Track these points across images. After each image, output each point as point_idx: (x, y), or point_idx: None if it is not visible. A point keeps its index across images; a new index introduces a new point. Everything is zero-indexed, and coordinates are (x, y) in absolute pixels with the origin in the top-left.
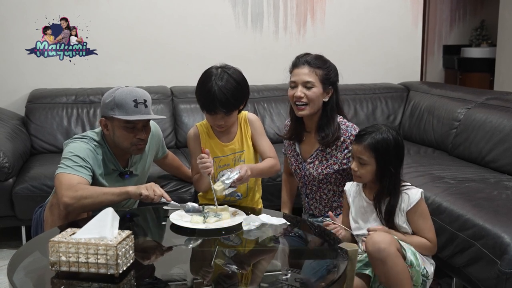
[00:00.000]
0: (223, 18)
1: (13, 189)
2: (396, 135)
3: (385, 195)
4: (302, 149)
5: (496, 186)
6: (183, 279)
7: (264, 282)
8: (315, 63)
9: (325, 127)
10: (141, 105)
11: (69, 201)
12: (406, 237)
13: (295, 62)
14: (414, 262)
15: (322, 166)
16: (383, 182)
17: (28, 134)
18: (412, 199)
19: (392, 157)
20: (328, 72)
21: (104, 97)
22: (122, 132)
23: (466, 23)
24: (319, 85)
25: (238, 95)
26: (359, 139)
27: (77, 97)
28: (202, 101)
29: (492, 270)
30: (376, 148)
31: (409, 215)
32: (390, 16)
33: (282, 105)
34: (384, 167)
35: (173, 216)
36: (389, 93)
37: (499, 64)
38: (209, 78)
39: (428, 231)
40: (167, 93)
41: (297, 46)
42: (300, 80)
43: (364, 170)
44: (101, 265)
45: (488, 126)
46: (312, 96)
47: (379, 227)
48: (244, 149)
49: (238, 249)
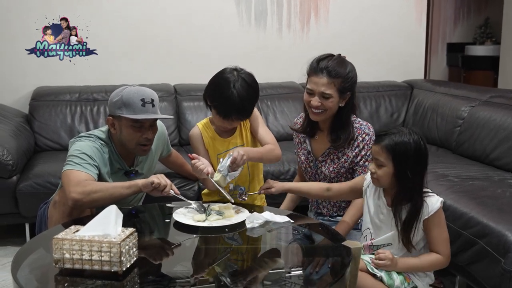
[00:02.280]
0: (226, 16)
1: (17, 186)
2: (418, 139)
3: (403, 201)
4: (313, 147)
5: (500, 184)
6: (187, 276)
7: (267, 280)
8: (335, 72)
9: (338, 130)
10: (149, 105)
11: (78, 196)
12: (416, 263)
13: (314, 67)
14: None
15: (334, 165)
16: (400, 186)
17: (32, 131)
18: (430, 208)
19: (410, 161)
20: (347, 80)
21: (111, 96)
22: (129, 131)
23: (470, 21)
24: (336, 95)
25: (254, 100)
26: (378, 139)
27: (80, 94)
28: (221, 108)
29: (495, 268)
30: (393, 150)
31: (425, 224)
32: (394, 14)
33: (286, 103)
34: (401, 171)
35: (176, 214)
36: (393, 91)
37: (503, 62)
38: (227, 84)
39: (442, 242)
40: (170, 91)
41: (301, 44)
42: (317, 90)
43: (381, 172)
44: (104, 263)
45: (492, 124)
46: (329, 105)
47: (386, 254)
48: (244, 142)
49: (241, 246)
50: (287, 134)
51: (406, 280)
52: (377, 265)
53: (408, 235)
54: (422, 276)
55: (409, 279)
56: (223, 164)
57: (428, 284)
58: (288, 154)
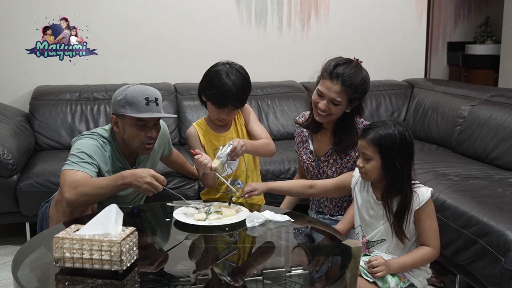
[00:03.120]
0: (227, 15)
1: (18, 185)
2: (402, 130)
3: (393, 193)
4: (316, 147)
5: (501, 183)
6: (187, 275)
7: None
8: (350, 82)
9: (341, 133)
10: (153, 103)
11: (71, 197)
12: (408, 261)
13: (329, 71)
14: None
15: (337, 165)
16: (388, 178)
17: (32, 130)
18: (421, 198)
19: (397, 153)
20: (360, 90)
21: (115, 94)
22: (133, 130)
23: (471, 19)
24: (345, 103)
25: (248, 90)
26: (364, 133)
27: (81, 93)
28: (216, 96)
29: (496, 267)
30: (379, 143)
31: (416, 215)
32: (394, 13)
33: (286, 102)
34: (389, 163)
35: (177, 213)
36: (393, 90)
37: (504, 61)
38: (220, 75)
39: (432, 233)
40: (170, 89)
41: (301, 43)
42: (328, 95)
43: (369, 166)
44: (105, 262)
45: (493, 123)
46: (336, 112)
47: (378, 260)
48: (240, 137)
49: (241, 246)
50: (287, 133)
51: (401, 280)
52: (373, 274)
53: (401, 226)
54: (417, 272)
55: (404, 278)
56: (222, 151)
57: (425, 278)
58: (289, 153)
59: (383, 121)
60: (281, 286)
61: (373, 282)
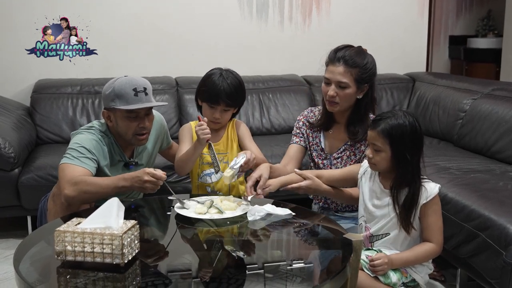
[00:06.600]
0: (228, 8)
1: (19, 179)
2: (413, 121)
3: (403, 185)
4: (328, 143)
5: (502, 177)
6: (188, 268)
7: (268, 272)
8: (352, 61)
9: (356, 124)
10: (141, 93)
11: (70, 193)
12: (410, 256)
13: (331, 56)
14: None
15: (350, 162)
16: (399, 170)
17: (33, 124)
18: (429, 193)
19: (407, 144)
20: (365, 71)
21: (104, 89)
22: (125, 122)
23: (473, 13)
24: (353, 85)
25: (241, 92)
26: (374, 124)
27: (82, 87)
28: (208, 93)
29: (497, 261)
30: (390, 134)
31: (422, 209)
32: (396, 6)
33: (287, 95)
34: (399, 154)
35: (178, 206)
36: (395, 83)
37: (506, 54)
38: (214, 75)
39: (437, 230)
40: (172, 83)
41: (302, 37)
42: (334, 79)
43: (378, 157)
44: (106, 255)
45: (494, 116)
46: (345, 97)
47: (381, 256)
48: (228, 152)
49: (242, 239)
50: (288, 127)
51: (403, 275)
52: (375, 272)
53: (409, 218)
54: (419, 268)
55: (406, 274)
56: (237, 162)
57: (427, 274)
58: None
59: (393, 111)
60: (282, 279)
61: (375, 276)
